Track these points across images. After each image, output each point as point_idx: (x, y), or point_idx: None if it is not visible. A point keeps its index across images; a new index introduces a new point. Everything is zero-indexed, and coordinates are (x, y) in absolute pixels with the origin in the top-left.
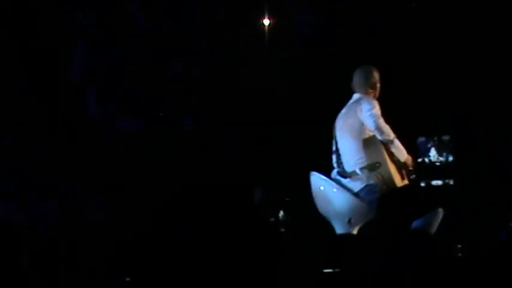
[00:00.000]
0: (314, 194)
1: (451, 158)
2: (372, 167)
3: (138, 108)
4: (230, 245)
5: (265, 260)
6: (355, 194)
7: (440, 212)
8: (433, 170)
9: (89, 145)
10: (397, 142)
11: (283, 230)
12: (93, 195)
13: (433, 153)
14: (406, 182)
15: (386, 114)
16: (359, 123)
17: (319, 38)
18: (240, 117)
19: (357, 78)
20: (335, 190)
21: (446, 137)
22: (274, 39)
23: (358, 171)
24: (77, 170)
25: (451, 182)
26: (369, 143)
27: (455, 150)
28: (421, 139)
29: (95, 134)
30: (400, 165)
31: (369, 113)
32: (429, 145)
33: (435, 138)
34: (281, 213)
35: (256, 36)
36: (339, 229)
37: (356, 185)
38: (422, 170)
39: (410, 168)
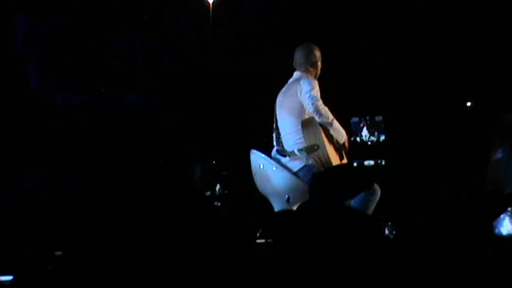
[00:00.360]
0: (253, 171)
1: (382, 138)
2: (310, 149)
3: (80, 82)
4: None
5: (198, 233)
6: (294, 174)
7: (378, 191)
8: (365, 150)
9: (30, 120)
10: (335, 124)
11: (218, 203)
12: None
13: (364, 132)
14: (344, 162)
15: (322, 93)
16: (299, 103)
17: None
18: (183, 91)
19: (297, 57)
20: (274, 169)
21: (379, 118)
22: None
23: (296, 152)
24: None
25: (383, 162)
26: (307, 125)
27: (387, 130)
28: (354, 119)
29: (37, 107)
30: (339, 147)
31: (308, 95)
32: (361, 125)
33: (367, 118)
34: (217, 187)
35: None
36: (277, 207)
37: (295, 165)
38: (355, 150)
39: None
